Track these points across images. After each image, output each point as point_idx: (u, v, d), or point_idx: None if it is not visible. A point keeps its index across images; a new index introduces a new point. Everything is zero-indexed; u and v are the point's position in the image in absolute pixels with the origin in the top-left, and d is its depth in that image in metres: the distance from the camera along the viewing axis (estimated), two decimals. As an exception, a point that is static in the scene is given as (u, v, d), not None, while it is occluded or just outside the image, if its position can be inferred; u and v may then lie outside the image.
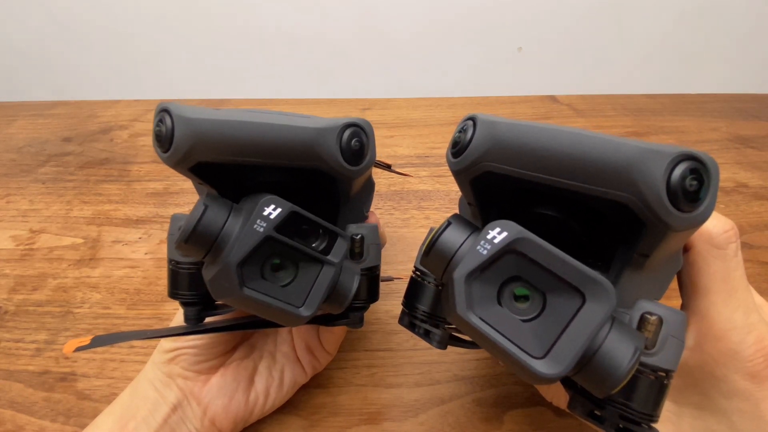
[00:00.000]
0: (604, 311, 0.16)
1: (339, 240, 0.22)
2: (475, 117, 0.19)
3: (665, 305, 0.18)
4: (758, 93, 0.71)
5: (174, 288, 0.25)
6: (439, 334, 0.22)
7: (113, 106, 0.70)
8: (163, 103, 0.20)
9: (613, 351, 0.16)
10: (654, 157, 0.15)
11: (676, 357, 0.18)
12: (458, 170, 0.19)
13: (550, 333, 0.16)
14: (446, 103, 0.69)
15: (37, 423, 0.30)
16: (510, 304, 0.17)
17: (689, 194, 0.15)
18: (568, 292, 0.16)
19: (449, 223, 0.19)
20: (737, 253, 0.21)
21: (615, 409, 0.18)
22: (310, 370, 0.30)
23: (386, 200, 0.49)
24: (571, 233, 0.20)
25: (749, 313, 0.20)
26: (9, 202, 0.50)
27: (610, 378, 0.16)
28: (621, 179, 0.15)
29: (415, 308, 0.23)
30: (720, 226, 0.20)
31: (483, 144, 0.18)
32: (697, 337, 0.21)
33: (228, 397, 0.27)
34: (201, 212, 0.20)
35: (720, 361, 0.20)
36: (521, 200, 0.21)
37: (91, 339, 0.24)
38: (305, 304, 0.21)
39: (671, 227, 0.16)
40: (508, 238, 0.17)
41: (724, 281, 0.20)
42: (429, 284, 0.23)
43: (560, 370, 0.16)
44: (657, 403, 0.18)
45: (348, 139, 0.22)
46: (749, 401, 0.20)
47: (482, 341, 0.17)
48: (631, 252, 0.18)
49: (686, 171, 0.15)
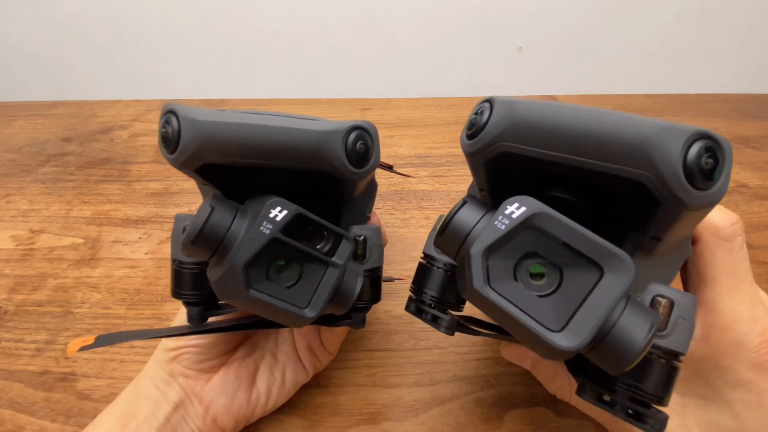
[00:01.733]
0: (624, 283, 0.16)
1: (343, 242, 0.22)
2: (492, 99, 0.19)
3: (676, 289, 0.19)
4: (758, 93, 0.71)
5: (177, 288, 0.25)
6: (447, 319, 0.22)
7: (113, 106, 0.70)
8: (169, 104, 0.20)
9: (630, 327, 0.16)
10: (671, 134, 0.15)
11: (686, 340, 0.18)
12: (473, 152, 0.19)
13: (568, 307, 0.16)
14: (446, 103, 0.69)
15: (37, 423, 0.30)
16: (526, 280, 0.17)
17: (705, 172, 0.15)
18: (586, 266, 0.16)
19: (465, 202, 0.19)
20: (743, 246, 0.21)
21: (625, 392, 0.18)
22: (312, 369, 0.30)
23: (386, 200, 0.49)
24: (583, 216, 0.20)
25: (755, 305, 0.20)
26: (9, 202, 0.50)
27: (626, 353, 0.16)
28: (638, 156, 0.16)
29: (424, 293, 0.23)
30: (727, 219, 0.21)
31: (500, 123, 0.18)
32: (703, 328, 0.21)
33: (230, 396, 0.27)
34: (208, 214, 0.20)
35: (726, 351, 0.20)
36: (534, 184, 0.21)
37: (95, 338, 0.24)
38: (310, 305, 0.21)
39: (687, 205, 0.16)
40: (528, 212, 0.17)
41: (731, 273, 0.20)
42: (438, 269, 0.23)
43: (579, 342, 0.16)
44: (667, 385, 0.18)
45: (353, 141, 0.22)
46: (753, 392, 0.20)
47: (499, 316, 0.17)
48: (642, 236, 0.18)
49: (702, 149, 0.15)
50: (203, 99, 0.72)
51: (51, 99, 0.73)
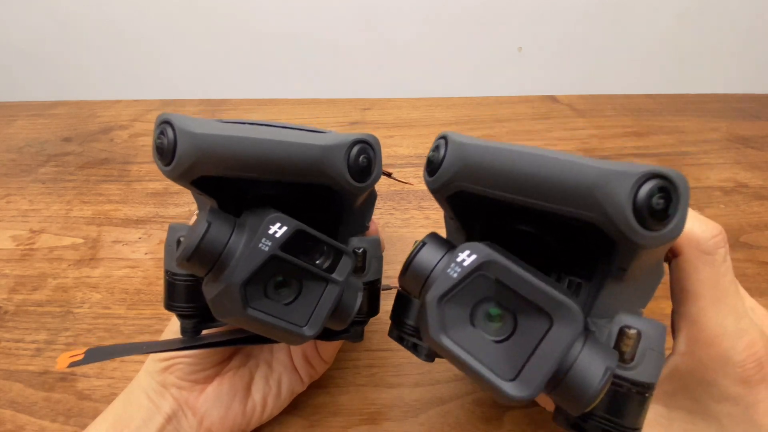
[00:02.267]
0: (571, 334, 0.16)
1: (344, 258, 0.21)
2: (446, 136, 0.19)
3: (645, 318, 0.18)
4: (758, 93, 0.71)
5: (170, 300, 0.24)
6: (426, 347, 0.22)
7: (113, 106, 0.70)
8: (164, 114, 0.20)
9: (585, 371, 0.16)
10: (618, 178, 0.15)
11: (655, 370, 0.18)
12: (434, 189, 0.20)
13: (521, 355, 0.16)
14: (446, 103, 0.69)
15: (37, 423, 0.30)
16: (483, 324, 0.17)
17: (657, 213, 0.15)
18: (537, 313, 0.17)
19: (424, 244, 0.19)
20: (726, 258, 0.20)
21: (597, 423, 0.18)
22: (308, 378, 0.30)
23: (386, 200, 0.49)
24: (550, 247, 0.20)
25: (740, 319, 0.20)
26: (9, 202, 0.50)
27: (583, 398, 0.16)
28: (587, 201, 0.16)
29: (402, 323, 0.23)
30: (708, 232, 0.20)
31: (453, 165, 0.18)
32: (688, 343, 0.21)
33: (225, 408, 0.27)
34: (204, 230, 0.19)
35: (711, 366, 0.20)
36: (498, 216, 0.21)
37: (85, 352, 0.23)
38: (309, 323, 0.21)
39: (640, 246, 0.16)
40: (477, 261, 0.17)
41: (714, 287, 0.20)
42: (414, 299, 0.23)
43: (529, 392, 0.16)
44: (638, 415, 0.18)
45: (356, 155, 0.21)
46: (739, 406, 0.20)
47: (456, 363, 0.17)
48: (610, 265, 0.18)
49: (653, 189, 0.15)
50: (203, 99, 0.72)
51: (51, 99, 0.73)
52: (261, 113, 0.68)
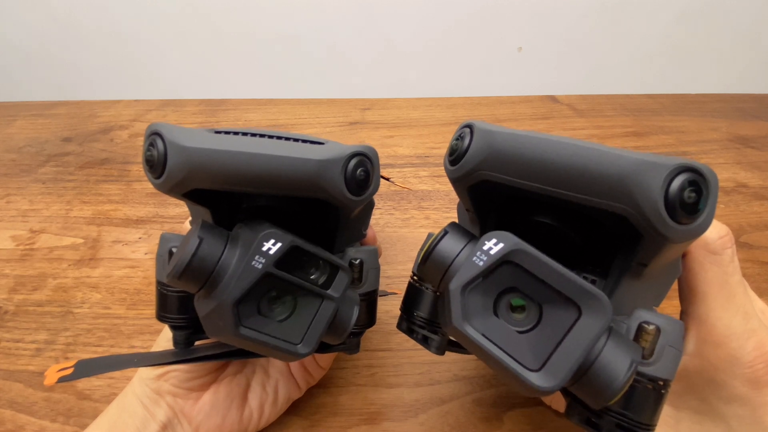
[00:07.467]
0: (600, 325, 0.16)
1: (340, 273, 0.21)
2: (472, 125, 0.19)
3: (663, 314, 0.18)
4: (758, 93, 0.71)
5: (162, 311, 0.24)
6: (437, 340, 0.22)
7: (113, 106, 0.70)
8: (154, 125, 0.19)
9: (610, 364, 0.16)
10: (652, 169, 0.15)
11: (673, 366, 0.18)
12: (456, 178, 0.19)
13: (546, 345, 0.16)
14: (446, 103, 0.69)
15: (37, 423, 0.30)
16: (506, 315, 0.17)
17: (688, 206, 0.15)
18: (565, 304, 0.16)
19: (446, 232, 0.19)
20: (733, 258, 0.20)
21: (612, 418, 0.18)
22: (305, 385, 0.30)
23: (386, 200, 0.49)
24: (569, 241, 0.20)
25: (749, 319, 0.20)
26: (9, 202, 0.50)
27: (606, 391, 0.16)
28: (618, 191, 0.15)
29: (413, 314, 0.22)
30: (715, 232, 0.20)
31: (480, 153, 0.18)
32: (696, 343, 0.21)
33: (221, 416, 0.26)
34: (196, 246, 0.18)
35: (719, 367, 0.20)
36: (518, 208, 0.21)
37: (74, 365, 0.22)
38: (304, 340, 0.20)
39: (669, 239, 0.16)
40: (504, 249, 0.17)
41: (722, 287, 0.20)
42: (427, 290, 0.22)
43: (555, 383, 0.16)
44: (654, 412, 0.18)
45: (353, 169, 0.20)
46: (747, 406, 0.20)
47: (478, 353, 0.17)
48: (630, 261, 0.18)
49: (685, 183, 0.15)
50: (203, 99, 0.72)
51: (51, 99, 0.73)
52: (261, 113, 0.68)
